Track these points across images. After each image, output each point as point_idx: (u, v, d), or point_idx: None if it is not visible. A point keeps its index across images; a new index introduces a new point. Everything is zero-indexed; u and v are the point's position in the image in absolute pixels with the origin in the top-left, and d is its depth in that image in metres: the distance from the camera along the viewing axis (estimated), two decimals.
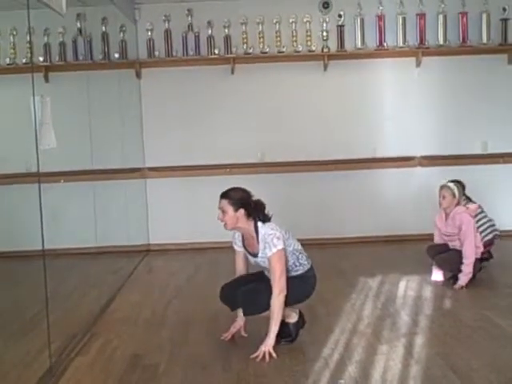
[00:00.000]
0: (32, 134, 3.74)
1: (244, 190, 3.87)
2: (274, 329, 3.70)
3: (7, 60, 6.49)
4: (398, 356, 3.67)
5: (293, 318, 3.94)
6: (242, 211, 3.77)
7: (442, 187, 5.17)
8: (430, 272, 5.30)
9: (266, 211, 3.86)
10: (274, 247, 3.71)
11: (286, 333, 3.89)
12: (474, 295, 4.83)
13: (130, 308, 4.90)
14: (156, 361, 3.72)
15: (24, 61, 6.29)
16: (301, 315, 3.98)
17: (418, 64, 6.91)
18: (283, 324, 3.84)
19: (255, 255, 3.86)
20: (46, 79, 6.51)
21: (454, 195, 5.12)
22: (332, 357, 3.69)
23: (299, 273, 3.88)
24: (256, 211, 3.82)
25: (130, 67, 6.80)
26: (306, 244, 6.59)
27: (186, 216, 6.93)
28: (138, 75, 6.88)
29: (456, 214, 5.10)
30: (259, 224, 3.80)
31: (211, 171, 6.80)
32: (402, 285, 5.29)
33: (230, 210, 3.77)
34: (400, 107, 7.00)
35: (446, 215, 5.20)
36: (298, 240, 3.97)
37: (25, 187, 5.41)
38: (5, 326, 4.38)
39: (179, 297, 5.14)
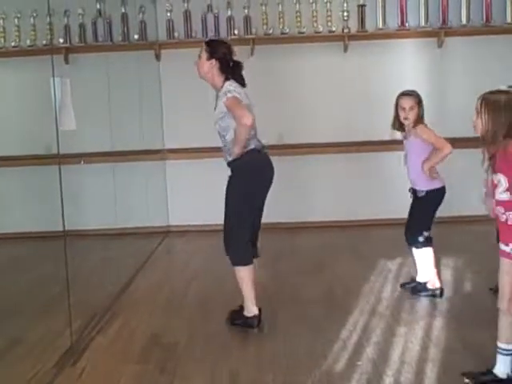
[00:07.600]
0: (52, 115, 3.77)
1: (228, 47, 3.87)
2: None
3: (28, 42, 6.52)
4: (416, 338, 3.67)
5: None
6: (213, 62, 3.80)
7: None
8: (449, 255, 5.26)
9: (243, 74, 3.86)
10: (229, 93, 3.71)
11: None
12: (493, 279, 4.76)
13: (149, 288, 4.95)
14: (175, 340, 3.76)
15: (44, 42, 6.30)
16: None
17: (440, 44, 6.79)
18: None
19: (215, 109, 3.87)
20: (66, 61, 6.53)
21: None
22: (350, 338, 3.70)
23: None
24: (232, 70, 3.82)
25: (150, 48, 6.78)
26: (326, 226, 6.74)
27: (206, 197, 6.91)
28: (158, 57, 6.86)
29: None
30: (227, 82, 3.78)
31: None
32: None
33: (204, 56, 3.83)
34: (422, 88, 6.80)
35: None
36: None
37: (45, 169, 5.48)
38: (28, 305, 4.46)
39: (199, 277, 5.18)
